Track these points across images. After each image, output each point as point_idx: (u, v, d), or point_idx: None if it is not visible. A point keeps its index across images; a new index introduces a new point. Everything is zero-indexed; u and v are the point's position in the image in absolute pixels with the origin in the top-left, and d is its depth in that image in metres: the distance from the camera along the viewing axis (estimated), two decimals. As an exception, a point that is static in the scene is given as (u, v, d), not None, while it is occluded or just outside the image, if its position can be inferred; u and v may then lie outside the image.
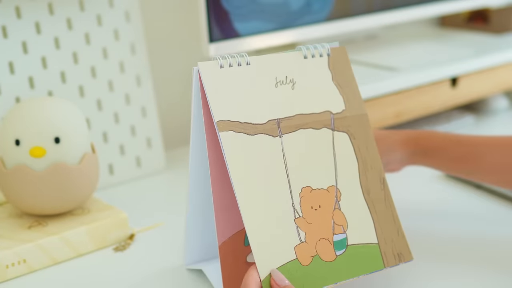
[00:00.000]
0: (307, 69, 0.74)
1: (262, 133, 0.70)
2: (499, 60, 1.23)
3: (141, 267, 0.80)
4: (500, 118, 1.28)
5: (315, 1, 1.11)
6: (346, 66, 0.76)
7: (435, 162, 0.86)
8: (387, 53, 1.24)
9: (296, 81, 0.73)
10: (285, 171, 0.70)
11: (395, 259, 0.73)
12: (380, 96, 1.07)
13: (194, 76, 0.68)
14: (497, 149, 0.83)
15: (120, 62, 1.03)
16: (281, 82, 0.72)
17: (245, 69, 0.70)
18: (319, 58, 0.75)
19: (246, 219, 0.66)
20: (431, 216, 0.90)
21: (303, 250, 0.69)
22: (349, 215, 0.72)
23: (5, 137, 0.82)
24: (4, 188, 0.83)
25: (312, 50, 0.74)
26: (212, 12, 1.00)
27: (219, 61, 0.69)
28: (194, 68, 0.68)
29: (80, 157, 0.84)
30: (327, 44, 0.75)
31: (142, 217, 0.91)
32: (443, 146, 0.85)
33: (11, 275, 0.78)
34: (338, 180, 0.73)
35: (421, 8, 1.26)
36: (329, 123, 0.74)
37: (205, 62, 0.69)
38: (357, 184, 0.74)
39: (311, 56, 0.74)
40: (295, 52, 0.74)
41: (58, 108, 0.84)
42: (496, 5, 1.37)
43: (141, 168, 1.05)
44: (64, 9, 0.97)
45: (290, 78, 0.72)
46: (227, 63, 0.69)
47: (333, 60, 0.75)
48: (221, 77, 0.69)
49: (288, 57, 0.73)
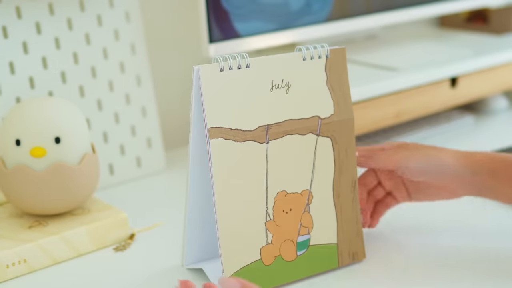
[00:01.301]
0: (304, 72, 0.74)
1: (250, 139, 0.72)
2: (498, 60, 1.23)
3: (141, 267, 0.80)
4: (499, 118, 1.28)
5: (315, 2, 1.11)
6: (342, 68, 0.76)
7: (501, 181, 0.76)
8: (387, 53, 1.24)
9: (291, 85, 0.74)
10: (265, 176, 0.73)
11: (349, 258, 0.78)
12: (379, 96, 1.08)
13: (195, 76, 0.69)
14: None
15: (120, 62, 1.03)
16: (277, 86, 0.73)
17: (244, 72, 0.71)
18: (317, 60, 0.75)
19: (220, 221, 0.70)
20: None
21: (268, 251, 0.74)
22: (316, 217, 0.76)
23: (5, 137, 0.82)
24: (5, 188, 0.83)
25: (311, 51, 0.75)
26: (212, 12, 1.00)
27: (220, 64, 0.70)
28: (195, 67, 0.69)
29: (80, 157, 0.84)
30: (327, 45, 0.76)
31: (142, 217, 0.92)
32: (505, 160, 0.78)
33: (11, 275, 0.78)
34: (312, 184, 0.76)
35: (420, 8, 1.26)
36: (315, 128, 0.75)
37: (206, 65, 0.69)
38: (330, 188, 0.77)
39: (310, 58, 0.75)
40: (295, 54, 0.74)
41: (58, 108, 0.84)
42: (496, 5, 1.37)
43: (141, 168, 1.06)
44: (64, 9, 0.97)
45: (286, 81, 0.73)
46: (228, 66, 0.70)
47: (331, 62, 0.76)
48: (220, 81, 0.70)
49: (287, 59, 0.74)
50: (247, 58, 0.71)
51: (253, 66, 0.71)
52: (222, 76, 0.70)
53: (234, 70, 0.71)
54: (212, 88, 0.69)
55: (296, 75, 0.74)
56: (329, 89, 0.76)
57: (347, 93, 0.77)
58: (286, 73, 0.73)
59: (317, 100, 0.75)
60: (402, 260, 0.80)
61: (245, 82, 0.71)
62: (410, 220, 0.88)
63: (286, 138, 0.73)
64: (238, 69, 0.71)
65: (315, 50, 0.75)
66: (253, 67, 0.71)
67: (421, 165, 0.77)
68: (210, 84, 0.69)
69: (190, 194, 0.75)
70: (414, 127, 1.19)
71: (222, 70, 0.70)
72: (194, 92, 0.69)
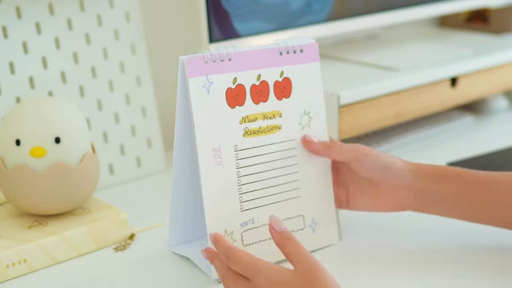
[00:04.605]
0: (279, 66, 0.79)
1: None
2: (498, 60, 1.23)
3: (141, 267, 0.80)
4: (499, 118, 1.29)
5: (315, 2, 1.11)
6: (314, 63, 0.82)
7: (442, 189, 0.80)
8: (387, 53, 1.24)
9: (267, 80, 0.79)
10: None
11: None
12: (379, 96, 1.08)
13: (180, 67, 0.73)
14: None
15: (120, 62, 1.03)
16: (258, 77, 0.78)
17: (227, 64, 0.75)
18: (293, 54, 0.79)
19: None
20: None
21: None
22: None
23: (5, 137, 0.82)
24: (5, 188, 0.83)
25: (289, 45, 0.79)
26: (212, 12, 1.00)
27: (206, 57, 0.74)
28: (181, 57, 0.73)
29: (80, 157, 0.84)
30: (304, 39, 0.81)
31: (142, 217, 0.92)
32: (453, 172, 0.81)
33: (11, 274, 0.78)
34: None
35: (420, 8, 1.26)
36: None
37: (191, 56, 0.73)
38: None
39: (286, 52, 0.79)
40: (273, 48, 0.79)
41: (58, 108, 0.84)
42: (496, 5, 1.37)
43: (141, 168, 1.06)
44: (65, 9, 0.97)
45: (263, 77, 0.78)
46: (212, 59, 0.74)
47: (304, 57, 0.80)
48: (204, 72, 0.74)
49: (266, 53, 0.78)
50: (231, 52, 0.75)
51: (236, 59, 0.75)
52: (207, 68, 0.74)
53: (217, 62, 0.74)
54: (197, 79, 0.74)
55: (270, 70, 0.79)
56: (296, 83, 0.81)
57: (319, 89, 0.82)
58: (262, 67, 0.78)
59: (284, 94, 0.80)
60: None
61: (228, 74, 0.76)
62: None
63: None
64: (221, 61, 0.74)
65: (292, 45, 0.79)
66: (236, 60, 0.75)
67: (373, 162, 0.81)
68: (195, 74, 0.73)
69: (174, 177, 0.78)
70: (414, 127, 1.20)
71: (207, 62, 0.74)
72: (179, 82, 0.74)
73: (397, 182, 0.80)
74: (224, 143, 0.76)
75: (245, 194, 0.77)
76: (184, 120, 0.76)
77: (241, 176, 0.77)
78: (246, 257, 0.67)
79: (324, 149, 0.81)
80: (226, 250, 0.68)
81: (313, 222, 0.82)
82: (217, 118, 0.75)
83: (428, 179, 0.80)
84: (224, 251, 0.69)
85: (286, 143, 0.80)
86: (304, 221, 0.81)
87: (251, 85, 0.77)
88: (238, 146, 0.77)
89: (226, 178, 0.76)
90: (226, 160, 0.76)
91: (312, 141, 0.80)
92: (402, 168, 0.81)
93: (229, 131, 0.76)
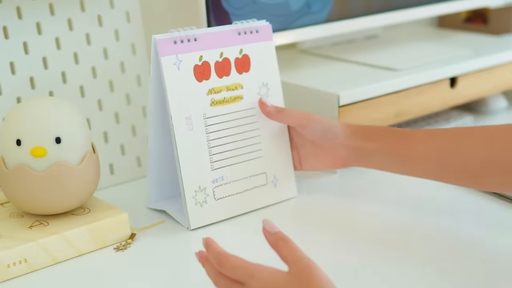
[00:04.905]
0: (238, 45, 0.91)
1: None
2: (498, 60, 1.24)
3: (142, 267, 0.80)
4: (499, 118, 1.29)
5: (315, 2, 1.11)
6: (268, 42, 0.94)
7: (374, 145, 0.89)
8: (386, 53, 1.24)
9: (228, 57, 0.90)
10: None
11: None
12: (379, 96, 1.08)
13: (153, 45, 0.84)
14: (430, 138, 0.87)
15: (121, 62, 1.03)
16: (221, 55, 0.89)
17: (193, 44, 0.87)
18: (249, 34, 0.92)
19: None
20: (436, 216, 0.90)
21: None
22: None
23: (6, 137, 0.83)
24: (5, 188, 0.84)
25: (246, 26, 0.91)
26: (212, 12, 1.00)
27: (175, 38, 0.85)
28: (153, 36, 0.84)
29: (81, 157, 0.84)
30: (258, 22, 0.92)
31: (142, 217, 0.92)
32: (382, 130, 0.91)
33: (12, 274, 0.78)
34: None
35: (420, 8, 1.26)
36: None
37: (162, 36, 0.85)
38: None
39: (243, 33, 0.91)
40: (232, 29, 0.90)
41: (59, 108, 0.84)
42: (495, 5, 1.38)
43: (141, 168, 1.06)
44: (65, 10, 0.97)
45: (225, 55, 0.90)
46: (180, 39, 0.86)
47: (259, 37, 0.92)
48: (174, 51, 0.85)
49: (226, 34, 0.90)
50: (197, 33, 0.87)
51: (201, 40, 0.87)
52: (176, 48, 0.86)
53: (185, 42, 0.86)
54: (168, 58, 0.85)
55: (232, 48, 0.90)
56: (254, 59, 0.92)
57: (274, 62, 0.94)
58: (224, 46, 0.90)
59: (243, 69, 0.92)
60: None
61: (194, 53, 0.87)
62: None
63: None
64: (188, 41, 0.86)
65: (248, 25, 0.91)
66: (201, 40, 0.87)
67: (316, 126, 0.92)
68: (167, 54, 0.85)
69: (151, 142, 0.89)
70: (413, 127, 1.20)
71: (175, 43, 0.85)
72: (152, 61, 0.85)
73: (336, 141, 0.91)
74: (195, 112, 0.87)
75: (215, 155, 0.89)
76: (158, 93, 0.87)
77: (210, 140, 0.89)
78: (237, 262, 0.65)
79: (275, 113, 0.92)
80: (217, 256, 0.67)
81: (275, 178, 0.94)
82: (187, 91, 0.87)
83: (359, 137, 0.90)
84: (214, 257, 0.67)
85: (248, 111, 0.92)
86: (267, 178, 0.94)
87: (215, 62, 0.89)
88: (207, 114, 0.89)
89: (198, 142, 0.88)
90: (197, 127, 0.87)
91: (266, 103, 0.92)
92: (340, 129, 0.92)
93: (198, 102, 0.88)
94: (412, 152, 0.86)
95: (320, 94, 1.04)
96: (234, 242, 0.78)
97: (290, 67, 1.19)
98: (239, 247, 0.74)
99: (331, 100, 1.03)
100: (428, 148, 0.85)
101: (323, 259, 0.67)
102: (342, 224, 0.89)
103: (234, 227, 0.89)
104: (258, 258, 0.67)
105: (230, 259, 0.66)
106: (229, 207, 0.90)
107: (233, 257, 0.66)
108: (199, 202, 0.88)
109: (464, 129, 0.85)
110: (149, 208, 0.94)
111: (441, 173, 0.85)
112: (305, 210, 0.94)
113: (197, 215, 0.88)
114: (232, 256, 0.66)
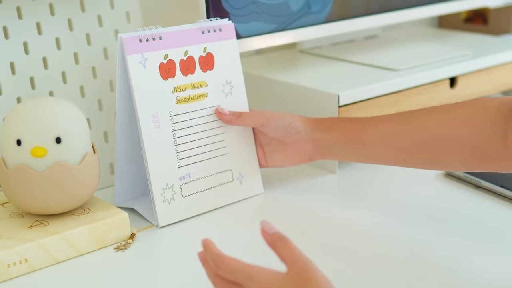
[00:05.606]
0: (202, 43, 0.92)
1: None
2: (497, 60, 1.24)
3: (142, 267, 0.80)
4: (498, 118, 1.29)
5: (315, 2, 1.11)
6: (231, 41, 0.95)
7: (334, 137, 0.91)
8: (386, 53, 1.24)
9: (193, 55, 0.91)
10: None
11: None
12: (379, 96, 1.08)
13: (119, 43, 0.85)
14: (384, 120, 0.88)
15: (121, 62, 1.03)
16: (185, 53, 0.91)
17: (158, 43, 0.88)
18: (213, 33, 0.93)
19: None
20: (430, 215, 0.90)
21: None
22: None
23: (6, 137, 0.83)
24: (6, 188, 0.84)
25: (209, 25, 0.93)
26: (212, 13, 1.00)
27: (140, 36, 0.87)
28: (119, 35, 0.85)
29: (81, 157, 0.84)
30: (221, 20, 0.94)
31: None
32: (339, 120, 0.93)
33: (12, 274, 0.78)
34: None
35: (420, 8, 1.26)
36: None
37: (127, 35, 0.86)
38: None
39: (207, 31, 0.93)
40: (196, 28, 0.92)
41: (59, 108, 0.84)
42: (495, 5, 1.38)
43: (141, 168, 1.06)
44: (65, 10, 0.97)
45: (190, 53, 0.91)
46: (145, 38, 0.87)
47: (223, 35, 0.94)
48: (139, 49, 0.87)
49: (190, 32, 0.92)
50: (161, 32, 0.88)
51: (165, 38, 0.89)
52: (142, 46, 0.87)
53: (150, 41, 0.87)
54: (134, 56, 0.86)
55: (195, 47, 0.92)
56: (216, 56, 0.94)
57: (238, 61, 0.96)
58: (187, 44, 0.91)
59: (206, 66, 0.93)
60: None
61: (160, 52, 0.88)
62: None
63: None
64: (153, 40, 0.88)
65: (212, 24, 0.93)
66: (165, 39, 0.89)
67: (277, 123, 0.93)
68: (132, 52, 0.86)
69: (117, 137, 0.90)
70: (413, 127, 1.20)
71: (141, 41, 0.87)
72: (119, 59, 0.86)
73: (299, 137, 0.93)
74: (161, 110, 0.88)
75: (181, 152, 0.90)
76: (125, 91, 0.87)
77: (177, 137, 0.89)
78: (235, 264, 0.65)
79: (235, 119, 0.93)
80: (214, 257, 0.66)
81: (240, 175, 0.96)
82: (153, 89, 0.88)
83: (319, 129, 0.92)
84: (212, 258, 0.67)
85: (212, 108, 0.93)
86: (233, 175, 0.95)
87: (180, 60, 0.90)
88: (172, 112, 0.89)
89: (164, 140, 0.88)
90: (163, 124, 0.88)
91: (224, 113, 0.93)
92: (300, 123, 0.93)
93: (164, 99, 0.89)
94: (365, 138, 0.88)
95: (320, 94, 1.05)
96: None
97: (290, 67, 1.19)
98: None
99: (331, 100, 1.03)
100: (380, 131, 0.87)
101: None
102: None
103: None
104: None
105: (227, 261, 0.66)
106: (197, 204, 0.91)
107: (230, 259, 0.66)
108: (167, 199, 0.88)
109: (415, 110, 0.87)
110: (118, 206, 0.93)
111: (396, 155, 0.86)
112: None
113: (165, 213, 0.88)
114: (229, 258, 0.66)
